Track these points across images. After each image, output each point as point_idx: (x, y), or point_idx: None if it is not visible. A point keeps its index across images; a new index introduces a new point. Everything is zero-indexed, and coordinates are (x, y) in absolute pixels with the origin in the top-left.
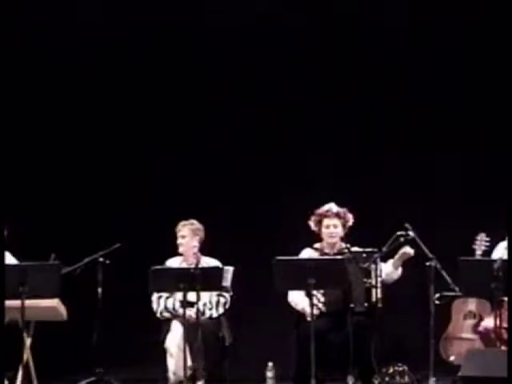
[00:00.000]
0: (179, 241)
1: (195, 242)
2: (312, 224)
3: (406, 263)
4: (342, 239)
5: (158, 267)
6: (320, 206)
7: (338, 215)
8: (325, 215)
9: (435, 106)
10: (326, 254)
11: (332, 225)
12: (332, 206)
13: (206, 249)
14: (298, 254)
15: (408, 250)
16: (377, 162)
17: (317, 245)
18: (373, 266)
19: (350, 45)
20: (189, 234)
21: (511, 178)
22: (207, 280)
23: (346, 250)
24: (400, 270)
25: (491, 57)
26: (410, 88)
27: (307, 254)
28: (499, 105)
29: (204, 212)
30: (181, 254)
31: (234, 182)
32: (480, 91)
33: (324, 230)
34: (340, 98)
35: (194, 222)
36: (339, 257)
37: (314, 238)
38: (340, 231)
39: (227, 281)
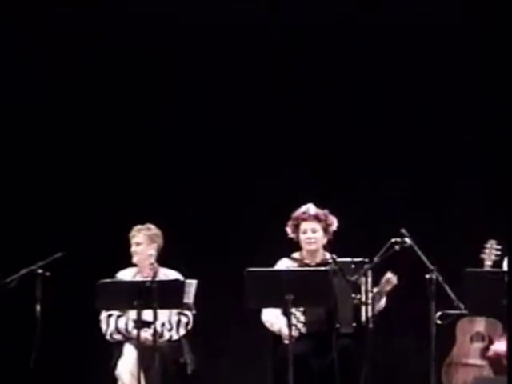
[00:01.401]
0: (133, 249)
1: (152, 251)
2: (289, 230)
3: (390, 292)
4: (326, 248)
5: (107, 280)
6: (295, 209)
7: (317, 218)
8: (302, 218)
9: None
10: (307, 264)
11: (310, 229)
12: (310, 207)
13: (164, 259)
14: (273, 265)
15: (390, 276)
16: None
17: (295, 254)
18: (362, 280)
19: None
20: (145, 241)
21: None
22: (166, 296)
23: (331, 260)
24: (383, 301)
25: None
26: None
27: (284, 264)
28: None
29: (162, 215)
30: (135, 265)
31: (196, 178)
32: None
33: (302, 236)
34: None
35: (151, 226)
36: (322, 268)
37: (292, 246)
38: (320, 237)
39: (190, 297)
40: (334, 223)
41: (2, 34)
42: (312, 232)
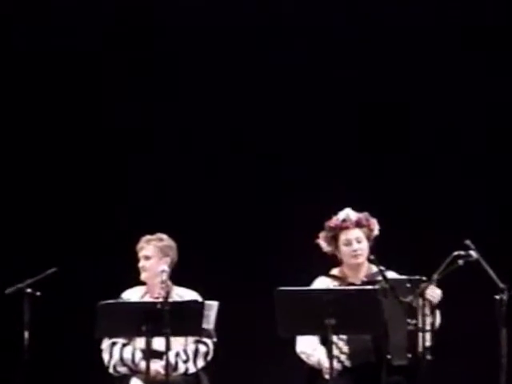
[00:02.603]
0: (142, 263)
1: (164, 266)
2: (323, 243)
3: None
4: (370, 260)
5: (110, 302)
6: (330, 217)
7: (359, 224)
8: (342, 227)
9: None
10: (351, 283)
11: (354, 239)
12: (349, 213)
13: (179, 276)
14: (307, 285)
15: (433, 290)
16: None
17: (335, 271)
18: (419, 301)
19: None
20: (155, 254)
21: None
22: (181, 320)
23: (380, 277)
24: (438, 316)
25: None
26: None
27: (323, 283)
28: None
29: (176, 225)
30: (143, 283)
31: (214, 186)
32: None
33: (344, 249)
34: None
35: (163, 237)
36: (369, 287)
37: (328, 262)
38: (366, 247)
39: (209, 321)
40: (376, 227)
41: None
42: (357, 242)
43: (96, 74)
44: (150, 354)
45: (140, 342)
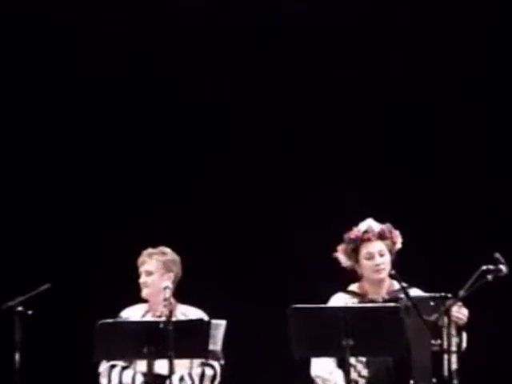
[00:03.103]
0: (142, 279)
1: (167, 282)
2: (342, 257)
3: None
4: (391, 275)
5: (109, 321)
6: (350, 229)
7: (382, 236)
8: (363, 239)
9: None
10: (371, 300)
11: (377, 252)
12: (372, 224)
13: (183, 293)
14: (324, 302)
15: (459, 309)
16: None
17: (354, 287)
18: (444, 320)
19: None
20: (158, 269)
21: None
22: (186, 341)
23: (402, 295)
24: (464, 338)
25: None
26: None
27: (341, 301)
28: None
29: (181, 239)
30: (145, 301)
31: (226, 198)
32: None
33: (365, 263)
34: None
35: (167, 250)
36: (391, 304)
37: (346, 278)
38: (388, 261)
39: (217, 342)
40: (399, 240)
41: None
42: (380, 256)
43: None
44: (152, 378)
45: (141, 365)
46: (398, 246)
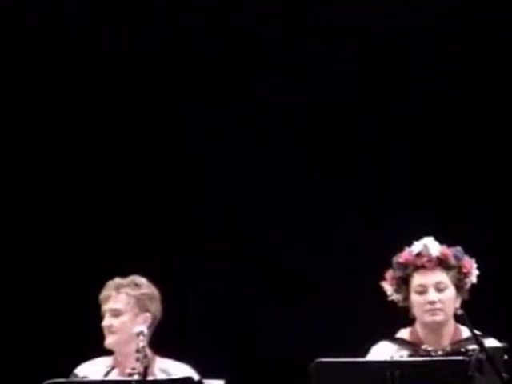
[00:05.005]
0: (107, 322)
1: (142, 327)
2: (389, 288)
3: None
4: (459, 318)
5: (60, 381)
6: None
7: (444, 262)
8: (416, 264)
9: None
10: (427, 352)
11: (433, 285)
12: (429, 244)
13: (164, 342)
14: (361, 354)
15: None
16: None
17: (404, 332)
18: None
19: None
20: (129, 308)
21: None
22: None
23: (473, 346)
24: None
25: None
26: None
27: (386, 352)
28: None
29: (159, 266)
30: (110, 352)
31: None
32: None
33: (416, 299)
34: None
35: (141, 281)
36: (457, 357)
37: (395, 319)
38: (451, 299)
39: None
40: (474, 271)
41: None
42: (436, 290)
43: None
44: None
45: None
46: (472, 279)
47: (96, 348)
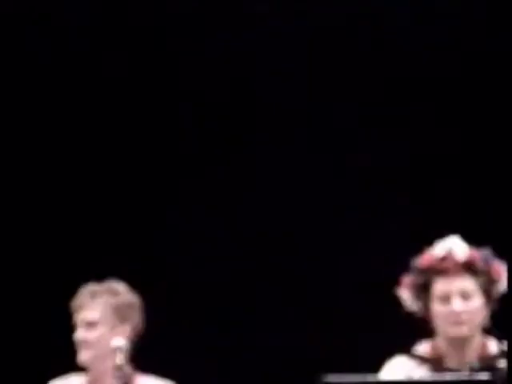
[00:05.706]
0: (79, 334)
1: (120, 340)
2: (407, 295)
3: None
4: (488, 330)
5: None
6: (422, 250)
7: (471, 266)
8: (438, 269)
9: None
10: (448, 369)
11: (457, 292)
12: (454, 246)
13: (146, 357)
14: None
15: None
16: None
17: (424, 348)
18: None
19: None
20: (105, 319)
21: None
22: None
23: (503, 362)
24: None
25: None
26: None
27: (401, 368)
28: None
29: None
30: (83, 368)
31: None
32: None
33: (437, 309)
34: None
35: (119, 288)
36: (482, 376)
37: (413, 332)
38: (478, 308)
39: None
40: (504, 277)
41: None
42: (462, 298)
43: None
44: None
45: None
46: (502, 286)
47: (67, 363)
